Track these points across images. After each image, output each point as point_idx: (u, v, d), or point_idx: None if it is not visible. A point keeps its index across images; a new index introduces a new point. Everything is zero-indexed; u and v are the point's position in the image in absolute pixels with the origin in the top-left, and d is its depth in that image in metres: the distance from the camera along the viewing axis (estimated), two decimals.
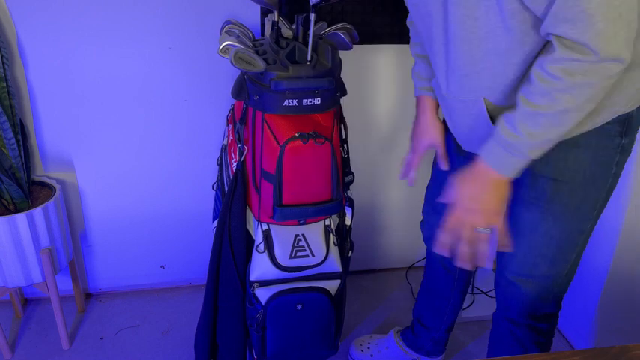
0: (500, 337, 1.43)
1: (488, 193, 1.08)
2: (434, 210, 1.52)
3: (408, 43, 1.84)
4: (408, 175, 1.48)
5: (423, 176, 1.54)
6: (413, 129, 1.47)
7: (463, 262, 1.13)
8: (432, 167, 1.54)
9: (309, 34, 1.29)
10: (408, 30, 1.46)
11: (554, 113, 0.96)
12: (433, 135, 1.41)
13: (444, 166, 1.42)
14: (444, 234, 1.14)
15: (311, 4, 1.28)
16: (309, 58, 1.30)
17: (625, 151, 1.15)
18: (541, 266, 1.24)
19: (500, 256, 1.31)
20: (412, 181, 1.47)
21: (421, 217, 1.61)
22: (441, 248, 1.16)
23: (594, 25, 0.87)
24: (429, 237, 1.58)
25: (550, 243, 1.21)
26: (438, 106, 1.37)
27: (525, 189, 1.19)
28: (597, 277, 1.74)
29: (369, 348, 1.83)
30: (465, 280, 1.65)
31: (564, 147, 1.10)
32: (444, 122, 1.40)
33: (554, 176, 1.15)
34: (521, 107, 1.00)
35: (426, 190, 1.58)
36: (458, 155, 1.38)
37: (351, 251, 1.57)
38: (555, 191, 1.16)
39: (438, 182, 1.50)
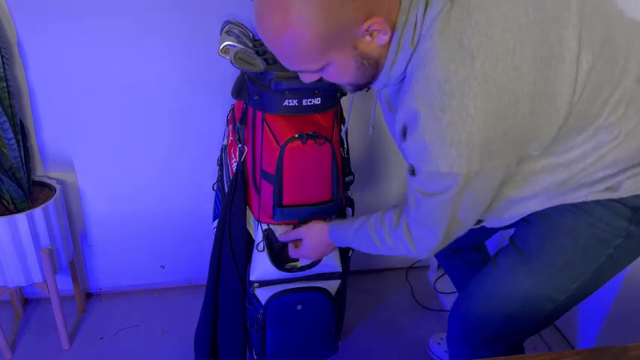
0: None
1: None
2: None
3: None
4: None
5: None
6: None
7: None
8: None
9: None
10: None
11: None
12: None
13: None
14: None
15: None
16: None
17: (632, 238, 1.04)
18: (497, 315, 1.20)
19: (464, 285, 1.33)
20: None
21: None
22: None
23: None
24: None
25: (515, 294, 1.16)
26: None
27: (516, 237, 1.17)
28: None
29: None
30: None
31: (563, 208, 1.06)
32: None
33: (545, 235, 1.10)
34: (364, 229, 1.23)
35: None
36: None
37: (351, 251, 1.57)
38: (540, 249, 1.11)
39: None
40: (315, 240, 1.39)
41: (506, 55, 0.83)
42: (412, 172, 0.99)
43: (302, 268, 1.45)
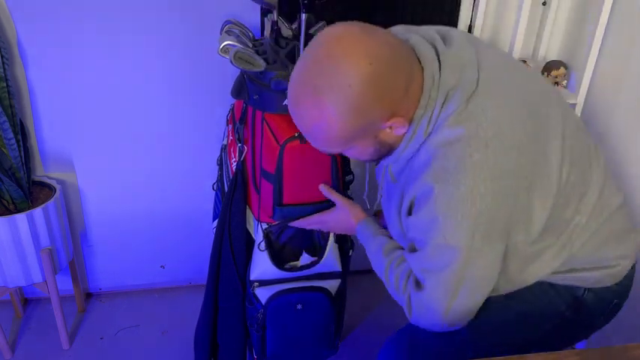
0: None
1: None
2: None
3: None
4: None
5: None
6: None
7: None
8: None
9: (301, 33, 1.29)
10: None
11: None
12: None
13: None
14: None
15: (301, 2, 1.28)
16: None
17: (568, 324, 1.17)
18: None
19: None
20: None
21: None
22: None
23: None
24: None
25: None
26: None
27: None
28: None
29: None
30: None
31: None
32: None
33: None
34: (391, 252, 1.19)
35: None
36: None
37: (351, 251, 1.57)
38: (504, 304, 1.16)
39: None
40: (341, 225, 1.37)
41: (513, 150, 0.96)
42: (412, 249, 1.07)
43: (302, 268, 1.45)
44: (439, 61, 0.99)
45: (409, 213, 1.05)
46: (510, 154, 0.96)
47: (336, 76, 0.90)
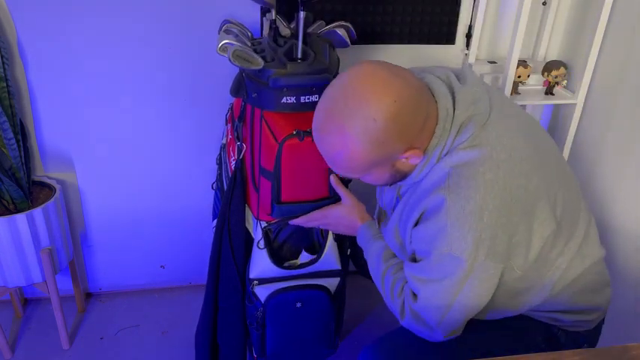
0: None
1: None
2: None
3: (407, 43, 1.86)
4: None
5: None
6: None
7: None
8: None
9: (299, 31, 1.29)
10: (406, 30, 1.46)
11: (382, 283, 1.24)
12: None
13: None
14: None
15: (299, 0, 1.29)
16: (299, 55, 1.31)
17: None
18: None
19: None
20: None
21: None
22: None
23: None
24: None
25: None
26: None
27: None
28: None
29: None
30: None
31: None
32: None
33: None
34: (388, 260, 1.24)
35: None
36: None
37: (349, 250, 1.57)
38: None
39: None
40: (343, 222, 1.40)
41: (521, 177, 1.04)
42: (414, 259, 1.13)
43: (301, 266, 1.45)
44: (453, 97, 1.07)
45: (415, 225, 1.10)
46: (519, 180, 1.04)
47: (363, 110, 0.98)
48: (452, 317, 1.09)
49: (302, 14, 1.29)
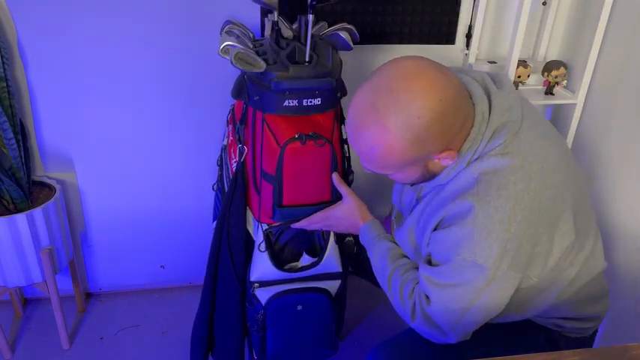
0: None
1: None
2: None
3: (407, 43, 1.85)
4: None
5: None
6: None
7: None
8: None
9: (307, 35, 1.29)
10: (406, 30, 1.45)
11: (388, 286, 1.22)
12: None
13: None
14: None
15: (308, 4, 1.28)
16: (307, 59, 1.30)
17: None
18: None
19: None
20: None
21: None
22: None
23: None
24: None
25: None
26: None
27: None
28: None
29: None
30: None
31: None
32: None
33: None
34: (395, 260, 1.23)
35: None
36: None
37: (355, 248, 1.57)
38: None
39: None
40: (345, 223, 1.38)
41: (552, 188, 1.03)
42: (429, 262, 1.11)
43: (302, 269, 1.45)
44: (489, 100, 1.05)
45: (435, 229, 1.08)
46: (549, 192, 1.03)
47: (409, 106, 0.95)
48: (467, 322, 1.08)
49: (310, 17, 1.28)
